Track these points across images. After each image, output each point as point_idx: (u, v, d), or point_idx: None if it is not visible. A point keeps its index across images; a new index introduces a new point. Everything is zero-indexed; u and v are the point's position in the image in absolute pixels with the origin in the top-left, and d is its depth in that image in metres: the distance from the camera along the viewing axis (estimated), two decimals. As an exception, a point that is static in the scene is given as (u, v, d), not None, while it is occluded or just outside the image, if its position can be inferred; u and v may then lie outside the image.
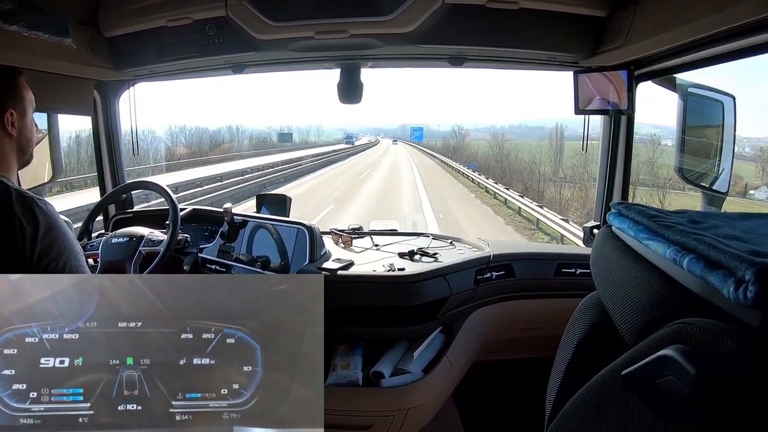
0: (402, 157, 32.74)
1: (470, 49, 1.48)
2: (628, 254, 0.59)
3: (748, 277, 0.40)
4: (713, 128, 1.49)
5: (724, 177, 1.43)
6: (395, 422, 1.47)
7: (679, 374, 0.41)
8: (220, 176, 16.13)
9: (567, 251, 1.91)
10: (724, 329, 0.40)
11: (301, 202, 10.04)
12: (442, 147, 40.51)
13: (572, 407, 0.57)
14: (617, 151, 1.65)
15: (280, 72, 1.82)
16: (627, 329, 0.56)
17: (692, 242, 0.48)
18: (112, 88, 1.85)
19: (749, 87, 41.86)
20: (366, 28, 1.38)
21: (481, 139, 36.20)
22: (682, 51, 1.21)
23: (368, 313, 1.51)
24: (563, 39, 1.41)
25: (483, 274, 1.58)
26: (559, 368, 0.73)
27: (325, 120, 79.67)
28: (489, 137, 34.68)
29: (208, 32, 1.44)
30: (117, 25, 1.50)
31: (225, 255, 1.68)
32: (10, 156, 1.01)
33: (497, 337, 1.69)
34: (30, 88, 1.06)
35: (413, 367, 1.48)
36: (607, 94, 1.49)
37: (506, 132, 36.02)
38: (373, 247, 1.77)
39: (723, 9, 0.95)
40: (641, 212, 0.59)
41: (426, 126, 53.02)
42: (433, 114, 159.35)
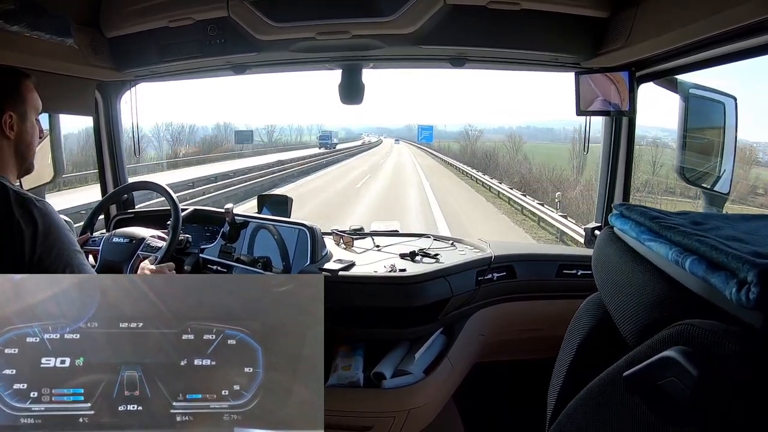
0: (407, 169, 24.09)
1: (471, 49, 1.48)
2: (629, 255, 0.59)
3: (750, 278, 0.40)
4: (714, 129, 1.49)
5: (726, 178, 1.43)
6: (396, 423, 1.47)
7: (681, 376, 0.41)
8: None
9: (568, 252, 1.91)
10: (726, 331, 0.40)
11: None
12: (459, 150, 35.05)
13: (574, 409, 0.57)
14: (618, 152, 1.65)
15: (281, 72, 1.82)
16: (629, 330, 0.56)
17: (694, 243, 0.48)
18: (113, 89, 1.86)
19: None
20: (367, 29, 1.38)
21: (493, 141, 32.53)
22: (684, 52, 1.21)
23: (369, 314, 1.51)
24: (564, 40, 1.41)
25: (484, 275, 1.58)
26: (561, 370, 0.72)
27: (327, 120, 79.50)
28: (504, 138, 31.23)
29: (210, 33, 1.44)
30: (118, 26, 1.50)
31: (226, 255, 1.68)
32: (7, 158, 1.00)
33: (498, 339, 1.69)
34: (38, 93, 1.06)
35: (414, 368, 1.47)
36: (609, 96, 1.49)
37: (515, 134, 33.35)
38: (374, 247, 1.77)
39: (724, 10, 0.95)
40: (643, 213, 0.59)
41: (407, 126, 51.09)
42: (439, 114, 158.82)
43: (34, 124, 1.05)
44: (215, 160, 25.29)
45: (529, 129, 31.80)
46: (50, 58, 1.35)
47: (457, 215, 11.14)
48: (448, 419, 1.71)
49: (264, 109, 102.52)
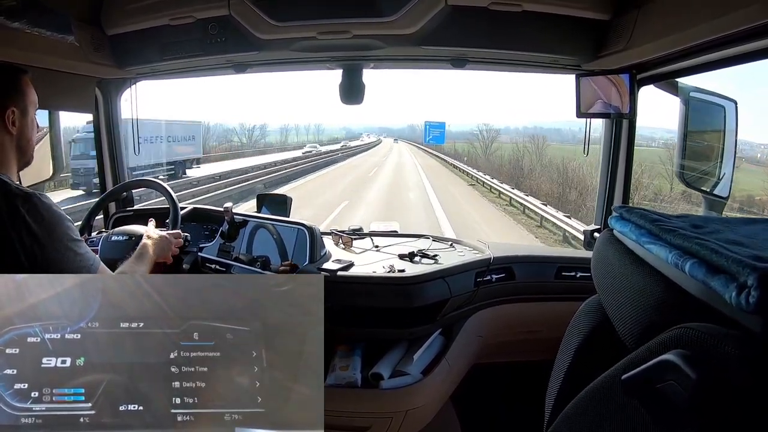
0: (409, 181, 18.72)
1: (472, 50, 1.48)
2: (629, 258, 0.59)
3: (750, 282, 0.40)
4: (715, 133, 1.49)
5: (726, 181, 1.44)
6: (394, 424, 1.47)
7: (680, 379, 0.41)
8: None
9: (567, 254, 1.91)
10: (726, 334, 0.41)
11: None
12: (471, 153, 27.10)
13: (572, 411, 0.57)
14: (618, 154, 1.66)
15: (282, 72, 1.82)
16: (628, 333, 0.56)
17: (694, 247, 0.48)
18: (113, 86, 1.86)
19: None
20: (368, 29, 1.38)
21: (513, 143, 25.86)
22: (685, 55, 1.21)
23: (368, 314, 1.51)
24: (565, 42, 1.41)
25: (483, 277, 1.58)
26: (559, 372, 0.73)
27: (327, 119, 78.91)
28: (516, 140, 25.62)
29: (211, 31, 1.44)
30: (119, 23, 1.50)
31: (225, 254, 1.68)
32: (9, 154, 1.01)
33: (497, 340, 1.69)
34: (34, 89, 1.07)
35: (412, 369, 1.47)
36: (609, 98, 1.49)
37: (521, 134, 29.90)
38: (374, 248, 1.77)
39: (725, 14, 0.95)
40: (643, 216, 0.59)
41: (410, 125, 47.95)
42: (439, 113, 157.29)
43: (33, 119, 1.07)
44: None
45: (535, 129, 29.50)
46: (51, 54, 1.35)
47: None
48: (445, 420, 1.71)
49: (252, 108, 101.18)
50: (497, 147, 28.14)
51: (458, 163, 24.28)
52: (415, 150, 38.67)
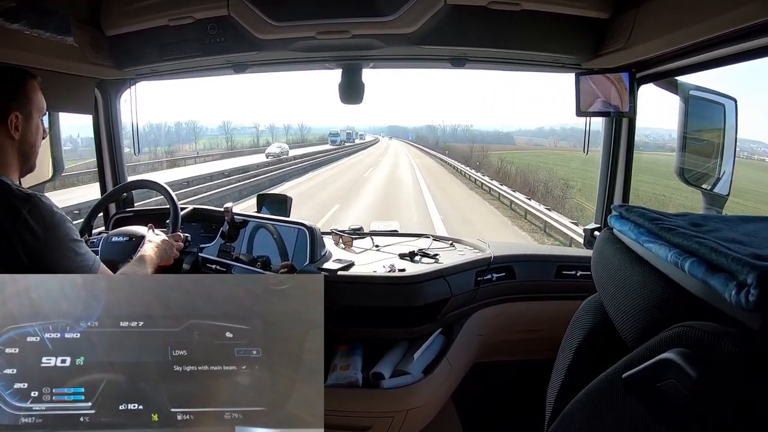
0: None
1: (472, 50, 1.48)
2: (629, 257, 0.59)
3: (750, 280, 0.40)
4: (715, 131, 1.49)
5: (725, 179, 1.44)
6: (395, 423, 1.47)
7: (680, 377, 0.41)
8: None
9: (568, 253, 1.91)
10: (726, 333, 0.40)
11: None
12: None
13: (572, 410, 0.57)
14: (618, 153, 1.66)
15: (281, 72, 1.82)
16: (628, 332, 0.56)
17: (694, 245, 0.48)
18: (113, 87, 1.85)
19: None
20: (368, 29, 1.38)
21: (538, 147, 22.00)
22: (684, 53, 1.21)
23: (368, 314, 1.51)
24: (565, 41, 1.41)
25: (483, 276, 1.58)
26: (560, 370, 0.73)
27: (326, 120, 78.73)
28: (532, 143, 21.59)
29: (210, 32, 1.44)
30: (119, 24, 1.50)
31: (225, 255, 1.68)
32: (11, 158, 1.01)
33: (497, 339, 1.69)
34: (42, 94, 1.06)
35: (413, 369, 1.47)
36: (609, 96, 1.49)
37: (531, 135, 27.59)
38: (374, 247, 1.77)
39: (725, 12, 0.95)
40: (642, 215, 0.59)
41: (429, 125, 47.32)
42: (444, 113, 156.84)
43: (38, 124, 1.06)
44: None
45: (542, 131, 28.38)
46: (50, 55, 1.35)
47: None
48: (446, 420, 1.71)
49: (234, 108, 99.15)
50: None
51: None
52: (415, 151, 36.24)
